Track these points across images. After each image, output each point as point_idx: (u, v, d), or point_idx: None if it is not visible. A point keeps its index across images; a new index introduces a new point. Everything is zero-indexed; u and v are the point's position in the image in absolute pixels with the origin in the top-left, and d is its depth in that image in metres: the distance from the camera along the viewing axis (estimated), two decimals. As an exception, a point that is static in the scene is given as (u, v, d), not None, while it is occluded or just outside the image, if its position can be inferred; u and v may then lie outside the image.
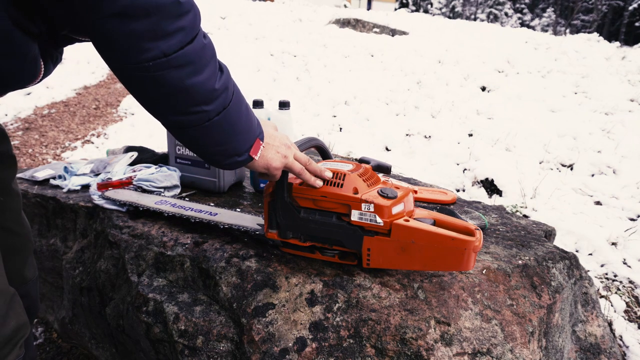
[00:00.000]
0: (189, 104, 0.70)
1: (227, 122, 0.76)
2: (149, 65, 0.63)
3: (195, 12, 0.68)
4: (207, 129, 0.74)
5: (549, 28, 33.16)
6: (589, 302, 1.19)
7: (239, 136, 0.79)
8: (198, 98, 0.70)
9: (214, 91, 0.71)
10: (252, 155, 0.82)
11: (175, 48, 0.64)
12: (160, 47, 0.63)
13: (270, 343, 0.85)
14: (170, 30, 0.63)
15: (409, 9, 34.73)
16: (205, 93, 0.70)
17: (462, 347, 0.82)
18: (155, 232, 1.16)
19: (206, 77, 0.70)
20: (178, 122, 0.73)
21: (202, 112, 0.72)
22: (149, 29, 0.61)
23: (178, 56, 0.65)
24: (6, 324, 0.75)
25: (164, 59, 0.64)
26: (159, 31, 0.62)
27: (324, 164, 0.94)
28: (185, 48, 0.66)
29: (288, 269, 0.97)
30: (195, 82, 0.68)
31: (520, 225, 1.28)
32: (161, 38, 0.63)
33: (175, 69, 0.65)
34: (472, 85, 5.57)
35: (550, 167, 3.33)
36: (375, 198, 0.85)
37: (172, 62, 0.65)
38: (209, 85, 0.71)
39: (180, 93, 0.68)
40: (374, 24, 9.65)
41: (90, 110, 5.12)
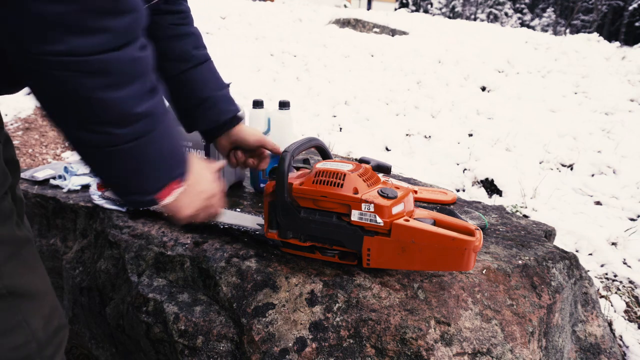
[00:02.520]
0: (95, 120, 0.58)
1: (139, 153, 0.63)
2: (49, 59, 0.51)
3: (136, 17, 0.57)
4: (111, 155, 0.61)
5: (549, 28, 33.17)
6: (589, 302, 1.19)
7: (150, 173, 0.66)
8: (108, 117, 0.58)
9: (131, 115, 0.59)
10: (160, 198, 0.69)
11: (92, 50, 0.53)
12: (71, 43, 0.51)
13: (270, 343, 0.85)
14: (92, 27, 0.52)
15: (409, 9, 34.74)
16: (119, 113, 0.58)
17: (462, 347, 0.82)
18: (155, 232, 1.16)
19: (126, 96, 0.58)
20: (79, 138, 0.60)
21: (109, 134, 0.59)
22: (64, 16, 0.50)
23: (91, 61, 0.53)
24: (50, 323, 0.74)
25: (71, 58, 0.52)
26: (76, 23, 0.51)
27: (324, 164, 0.94)
28: (106, 54, 0.54)
29: (288, 269, 0.97)
30: (109, 98, 0.56)
31: (520, 225, 1.28)
32: (76, 33, 0.51)
33: (85, 75, 0.53)
34: (472, 85, 5.57)
35: (550, 167, 3.33)
36: (376, 198, 0.85)
37: (82, 66, 0.53)
38: (127, 107, 0.58)
39: (86, 105, 0.56)
40: (374, 24, 9.65)
41: (90, 110, 5.12)
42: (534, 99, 5.06)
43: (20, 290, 0.67)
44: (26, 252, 0.70)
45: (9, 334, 0.66)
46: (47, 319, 0.73)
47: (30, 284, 0.70)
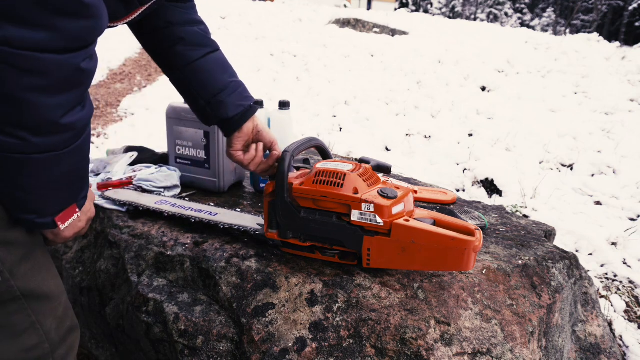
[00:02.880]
0: (13, 121, 0.52)
1: (49, 168, 0.58)
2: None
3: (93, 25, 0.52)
4: (17, 164, 0.55)
5: (549, 28, 33.17)
6: (589, 302, 1.19)
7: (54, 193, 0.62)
8: (29, 121, 0.52)
9: (55, 124, 0.54)
10: (58, 222, 0.65)
11: (29, 45, 0.48)
12: (9, 31, 0.46)
13: (270, 343, 0.85)
14: (37, 21, 0.48)
15: (409, 9, 34.73)
16: (43, 120, 0.53)
17: (462, 347, 0.82)
18: (155, 232, 1.16)
19: (56, 103, 0.53)
20: None
21: (23, 140, 0.53)
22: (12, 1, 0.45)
23: (26, 56, 0.48)
24: (63, 324, 0.74)
25: (4, 47, 0.47)
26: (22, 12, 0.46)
27: (324, 164, 0.94)
28: (45, 54, 0.49)
29: (288, 269, 0.97)
30: (38, 102, 0.51)
31: (520, 225, 1.28)
32: (18, 22, 0.47)
33: (15, 70, 0.48)
34: (472, 85, 5.57)
35: (550, 167, 3.33)
36: (376, 198, 0.85)
37: (14, 59, 0.48)
38: (54, 115, 0.53)
39: (8, 103, 0.50)
40: (374, 24, 9.65)
41: (90, 110, 5.12)
42: (534, 99, 5.06)
43: (34, 291, 0.66)
44: (39, 253, 0.70)
45: (22, 335, 0.65)
46: (60, 319, 0.73)
47: (44, 285, 0.69)
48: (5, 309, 0.64)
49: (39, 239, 0.71)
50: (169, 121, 1.41)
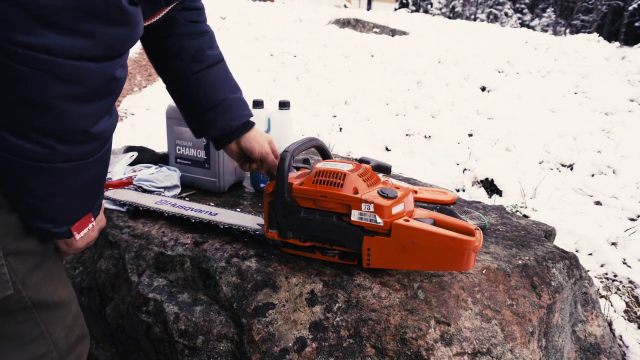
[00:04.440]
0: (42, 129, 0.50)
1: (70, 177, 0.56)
2: (16, 51, 0.45)
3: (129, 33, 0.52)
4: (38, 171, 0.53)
5: (549, 28, 33.16)
6: (589, 302, 1.19)
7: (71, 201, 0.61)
8: (59, 129, 0.51)
9: (84, 133, 0.53)
10: (74, 232, 0.63)
11: (68, 53, 0.47)
12: (49, 39, 0.45)
13: (270, 343, 0.85)
14: (77, 28, 0.46)
15: (409, 9, 34.72)
16: (71, 127, 0.52)
17: (462, 347, 0.82)
18: (155, 232, 1.16)
19: (87, 112, 0.52)
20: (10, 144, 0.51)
21: (50, 149, 0.52)
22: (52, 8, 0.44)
23: (65, 64, 0.47)
24: (72, 333, 0.73)
25: (42, 55, 0.45)
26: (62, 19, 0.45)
27: (324, 164, 0.94)
28: (82, 62, 0.48)
29: (288, 269, 0.97)
30: (70, 110, 0.50)
31: (520, 225, 1.28)
32: (56, 29, 0.45)
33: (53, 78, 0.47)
34: (472, 85, 5.57)
35: (550, 167, 3.33)
36: (375, 198, 0.85)
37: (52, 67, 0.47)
38: (84, 124, 0.53)
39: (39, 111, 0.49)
40: (374, 24, 9.65)
41: (90, 110, 5.11)
42: (534, 99, 5.06)
43: (44, 301, 0.66)
44: (51, 262, 0.69)
45: (31, 344, 0.65)
46: (68, 328, 0.72)
47: (54, 294, 0.68)
48: (14, 318, 0.63)
49: (51, 246, 0.70)
50: (169, 121, 1.41)
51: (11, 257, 0.60)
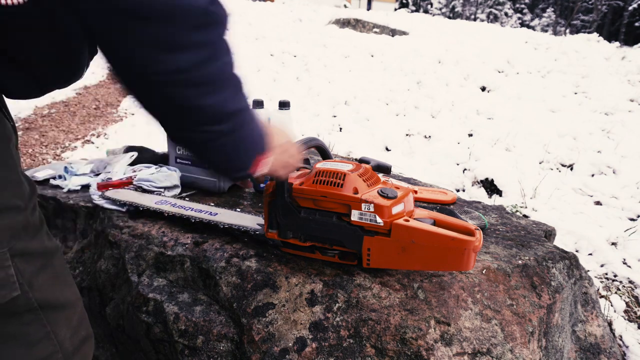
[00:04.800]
0: (198, 123, 0.62)
1: (233, 143, 0.68)
2: (156, 79, 0.54)
3: (225, 25, 0.59)
4: (214, 147, 0.67)
5: (549, 28, 33.16)
6: (589, 302, 1.19)
7: (241, 155, 0.72)
8: (209, 118, 0.62)
9: (228, 114, 0.64)
10: (253, 172, 0.75)
11: (195, 64, 0.55)
12: (176, 61, 0.54)
13: (270, 343, 0.85)
14: (189, 43, 0.54)
15: (409, 9, 34.71)
16: (218, 114, 0.62)
17: (462, 347, 0.82)
18: (155, 232, 1.16)
19: (222, 99, 0.61)
20: (185, 138, 0.66)
21: (211, 132, 0.63)
22: (164, 37, 0.52)
23: (194, 74, 0.56)
24: (77, 333, 0.73)
25: (176, 75, 0.55)
26: (176, 42, 0.53)
27: (324, 164, 0.94)
28: (208, 65, 0.57)
29: (288, 269, 0.97)
30: (208, 103, 0.60)
31: (520, 225, 1.28)
32: (178, 50, 0.54)
33: (188, 87, 0.56)
34: (472, 85, 5.57)
35: (550, 167, 3.33)
36: (375, 198, 0.85)
37: (187, 80, 0.56)
38: (225, 108, 0.62)
39: (189, 112, 0.60)
40: (374, 24, 9.65)
41: (90, 110, 5.12)
42: (534, 99, 5.06)
43: (50, 302, 0.66)
44: (56, 262, 0.69)
45: (36, 345, 0.65)
46: (74, 329, 0.72)
47: (60, 295, 0.69)
48: (20, 319, 0.63)
49: (56, 246, 0.71)
50: (169, 121, 1.41)
51: (17, 259, 0.60)
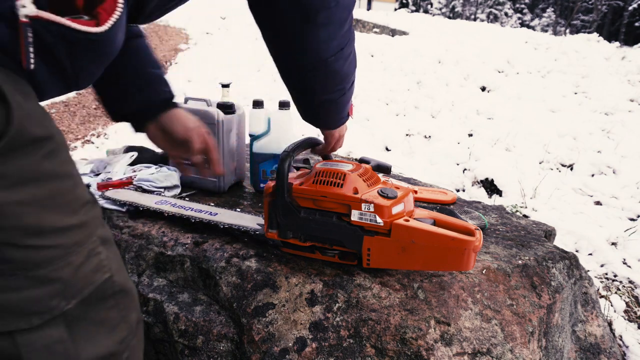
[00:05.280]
0: (337, 84, 0.81)
1: (351, 91, 0.87)
2: (330, 59, 0.74)
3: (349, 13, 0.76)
4: (338, 102, 0.85)
5: (549, 28, 33.15)
6: (589, 302, 1.19)
7: (349, 100, 0.90)
8: (346, 78, 0.81)
9: (354, 71, 0.83)
10: (350, 114, 0.95)
11: (347, 40, 0.74)
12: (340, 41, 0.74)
13: (270, 343, 0.85)
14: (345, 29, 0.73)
15: (409, 9, 34.69)
16: (349, 73, 0.81)
17: (462, 347, 0.82)
18: (155, 232, 1.16)
19: (353, 58, 0.80)
20: (324, 100, 0.84)
21: (342, 89, 0.83)
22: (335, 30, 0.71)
23: (346, 48, 0.75)
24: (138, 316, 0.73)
25: (339, 52, 0.74)
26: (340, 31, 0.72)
27: (324, 164, 0.94)
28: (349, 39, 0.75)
29: (288, 269, 0.97)
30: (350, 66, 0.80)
31: (520, 225, 1.29)
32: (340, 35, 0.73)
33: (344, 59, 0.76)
34: (472, 85, 5.57)
35: (550, 167, 3.34)
36: (375, 198, 0.85)
37: (344, 54, 0.75)
38: (353, 66, 0.81)
39: (336, 77, 0.79)
40: (374, 24, 9.65)
41: (90, 110, 5.12)
42: (534, 99, 5.06)
43: (123, 286, 0.68)
44: (116, 248, 0.71)
45: (115, 330, 0.66)
46: (137, 311, 0.73)
47: (126, 279, 0.70)
48: (105, 304, 0.64)
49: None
50: (169, 121, 1.41)
51: (102, 246, 0.63)
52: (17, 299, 0.53)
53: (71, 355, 0.59)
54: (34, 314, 0.55)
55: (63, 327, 0.58)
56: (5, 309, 0.53)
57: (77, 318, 0.60)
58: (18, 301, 0.54)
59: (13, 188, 0.51)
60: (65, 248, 0.57)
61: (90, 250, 0.61)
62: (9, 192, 0.51)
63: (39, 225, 0.54)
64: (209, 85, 5.59)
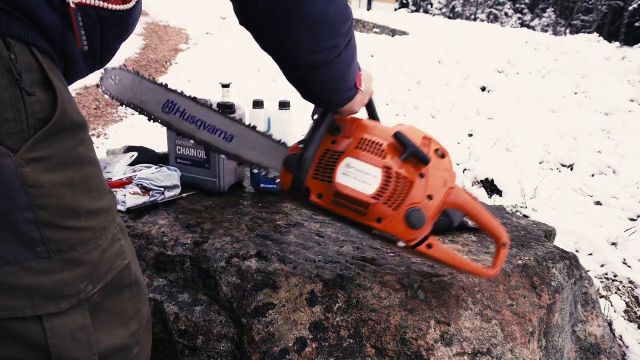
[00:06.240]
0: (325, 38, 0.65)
1: (348, 53, 0.70)
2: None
3: None
4: (333, 64, 0.69)
5: (549, 28, 33.15)
6: (589, 302, 1.19)
7: (353, 68, 0.74)
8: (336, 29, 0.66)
9: (347, 19, 0.67)
10: (358, 86, 0.77)
11: None
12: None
13: (270, 343, 0.85)
14: None
15: (409, 9, 34.68)
16: (339, 21, 0.66)
17: (462, 347, 0.82)
18: (155, 232, 1.16)
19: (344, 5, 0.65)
20: (311, 62, 0.67)
21: (334, 47, 0.67)
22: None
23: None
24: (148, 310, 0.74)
25: None
26: None
27: (344, 176, 0.78)
28: None
29: (288, 269, 0.97)
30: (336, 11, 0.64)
31: (520, 225, 1.29)
32: None
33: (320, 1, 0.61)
34: (472, 85, 5.58)
35: (550, 167, 3.34)
36: (399, 226, 0.76)
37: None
38: (346, 14, 0.66)
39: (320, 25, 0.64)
40: (374, 24, 9.65)
41: (90, 110, 5.12)
42: (534, 99, 5.06)
43: (137, 278, 0.69)
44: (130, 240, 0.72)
45: (129, 322, 0.67)
46: (148, 306, 0.74)
47: (140, 271, 0.71)
48: (122, 296, 0.65)
49: None
50: (169, 121, 1.40)
51: (121, 232, 0.65)
52: (49, 282, 0.55)
53: (92, 343, 0.60)
54: (63, 297, 0.56)
55: (87, 313, 0.59)
56: (37, 292, 0.54)
57: (98, 307, 0.61)
58: (51, 284, 0.55)
59: (55, 170, 0.54)
60: (95, 231, 0.59)
61: (114, 235, 0.63)
62: (52, 174, 0.53)
63: (76, 207, 0.56)
64: (209, 85, 5.60)
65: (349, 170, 0.78)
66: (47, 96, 0.52)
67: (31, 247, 0.53)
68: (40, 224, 0.52)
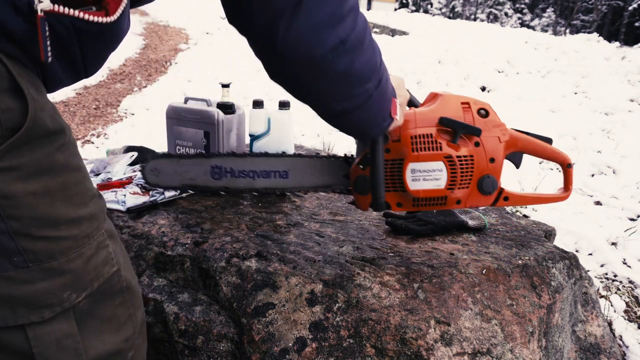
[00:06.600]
0: (353, 87, 0.64)
1: (380, 92, 0.70)
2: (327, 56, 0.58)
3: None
4: (366, 107, 0.68)
5: (549, 28, 33.15)
6: (589, 302, 1.19)
7: (386, 101, 0.73)
8: (364, 78, 0.65)
9: (375, 65, 0.66)
10: (393, 116, 0.76)
11: (349, 30, 0.58)
12: (339, 33, 0.57)
13: (270, 343, 0.85)
14: (345, 12, 0.58)
15: (409, 9, 34.68)
16: (368, 70, 0.65)
17: (462, 347, 0.82)
18: (155, 232, 1.16)
19: (370, 54, 0.65)
20: (342, 110, 0.67)
21: (364, 92, 0.66)
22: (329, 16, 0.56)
23: (351, 39, 0.59)
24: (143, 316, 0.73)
25: (340, 46, 0.58)
26: (337, 15, 0.57)
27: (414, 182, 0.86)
28: (356, 28, 0.60)
29: (288, 269, 0.97)
30: (362, 61, 0.63)
31: (520, 225, 1.29)
32: (339, 23, 0.57)
33: (348, 53, 0.60)
34: (472, 85, 5.58)
35: (550, 167, 3.34)
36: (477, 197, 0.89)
37: (346, 47, 0.59)
38: (373, 62, 0.66)
39: (347, 79, 0.63)
40: (374, 24, 9.65)
41: (90, 110, 5.12)
42: (534, 99, 5.06)
43: (129, 283, 0.68)
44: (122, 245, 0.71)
45: (122, 328, 0.66)
46: (142, 312, 0.74)
47: (133, 276, 0.71)
48: (113, 301, 0.64)
49: None
50: (169, 121, 1.41)
51: (109, 238, 0.64)
52: (30, 292, 0.54)
53: (80, 350, 0.59)
54: (45, 307, 0.55)
55: (73, 321, 0.58)
56: (18, 302, 0.53)
57: (86, 314, 0.60)
58: (31, 293, 0.54)
59: (28, 179, 0.52)
60: (77, 239, 0.57)
61: (99, 242, 0.61)
62: (24, 183, 0.51)
63: (53, 216, 0.55)
64: (209, 85, 5.60)
65: (416, 174, 0.84)
66: (17, 104, 0.50)
67: (8, 257, 0.52)
68: (14, 234, 0.51)
